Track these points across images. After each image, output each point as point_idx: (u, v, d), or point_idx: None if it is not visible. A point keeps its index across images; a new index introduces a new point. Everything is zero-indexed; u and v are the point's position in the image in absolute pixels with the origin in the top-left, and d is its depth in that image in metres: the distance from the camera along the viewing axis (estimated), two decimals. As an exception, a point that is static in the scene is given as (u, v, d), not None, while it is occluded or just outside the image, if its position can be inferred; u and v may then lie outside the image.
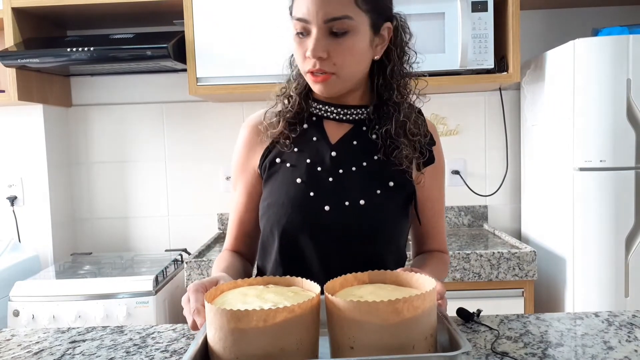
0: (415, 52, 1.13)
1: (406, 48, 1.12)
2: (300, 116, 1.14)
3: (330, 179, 1.09)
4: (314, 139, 1.13)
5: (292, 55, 1.15)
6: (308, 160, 1.11)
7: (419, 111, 1.16)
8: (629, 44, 1.89)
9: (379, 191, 1.08)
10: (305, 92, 1.15)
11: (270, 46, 2.15)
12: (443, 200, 1.23)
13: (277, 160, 1.13)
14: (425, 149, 1.13)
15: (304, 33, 1.04)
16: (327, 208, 1.07)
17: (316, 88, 1.07)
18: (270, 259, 1.15)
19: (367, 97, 1.14)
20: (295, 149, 1.12)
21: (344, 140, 1.12)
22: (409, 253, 1.27)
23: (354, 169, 1.10)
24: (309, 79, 1.07)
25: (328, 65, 1.03)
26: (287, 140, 1.12)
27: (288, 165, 1.12)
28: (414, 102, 1.14)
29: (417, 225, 1.21)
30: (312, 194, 1.08)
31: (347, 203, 1.07)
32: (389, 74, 1.10)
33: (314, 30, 1.01)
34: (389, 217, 1.10)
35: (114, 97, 2.62)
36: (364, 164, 1.10)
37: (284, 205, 1.09)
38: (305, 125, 1.14)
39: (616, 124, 1.91)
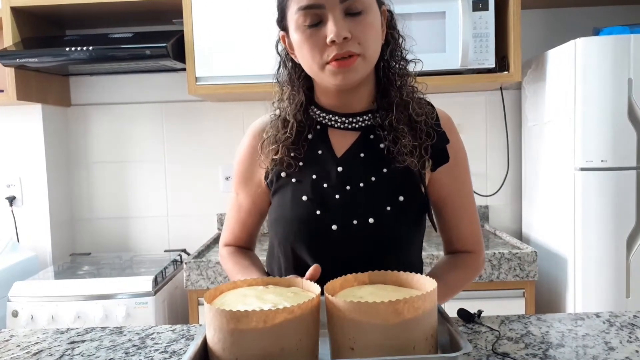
0: (404, 38, 1.09)
1: (400, 31, 1.09)
2: (302, 135, 1.08)
3: (337, 196, 1.04)
4: (319, 152, 1.08)
5: (281, 69, 1.12)
6: (314, 176, 1.06)
7: (430, 103, 1.11)
8: (630, 44, 1.88)
9: (388, 208, 1.03)
10: (304, 108, 1.09)
11: (269, 45, 2.13)
12: (468, 197, 1.14)
13: (283, 174, 1.08)
14: (433, 134, 1.06)
15: (315, 22, 0.98)
16: (334, 227, 1.03)
17: (339, 78, 0.99)
18: (276, 268, 1.15)
19: (372, 99, 1.08)
20: (300, 163, 1.07)
21: (351, 152, 1.07)
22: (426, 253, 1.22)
23: (361, 184, 1.04)
24: (329, 71, 0.99)
25: (354, 45, 0.97)
26: (291, 162, 1.07)
27: (294, 180, 1.07)
28: (416, 90, 1.09)
29: (443, 226, 1.15)
30: (318, 212, 1.04)
31: (355, 222, 1.03)
32: (389, 54, 1.06)
33: (331, 14, 0.96)
34: (400, 234, 1.05)
35: (113, 96, 2.62)
36: (373, 178, 1.05)
37: (290, 223, 1.06)
38: (309, 136, 1.09)
39: (617, 124, 1.90)
